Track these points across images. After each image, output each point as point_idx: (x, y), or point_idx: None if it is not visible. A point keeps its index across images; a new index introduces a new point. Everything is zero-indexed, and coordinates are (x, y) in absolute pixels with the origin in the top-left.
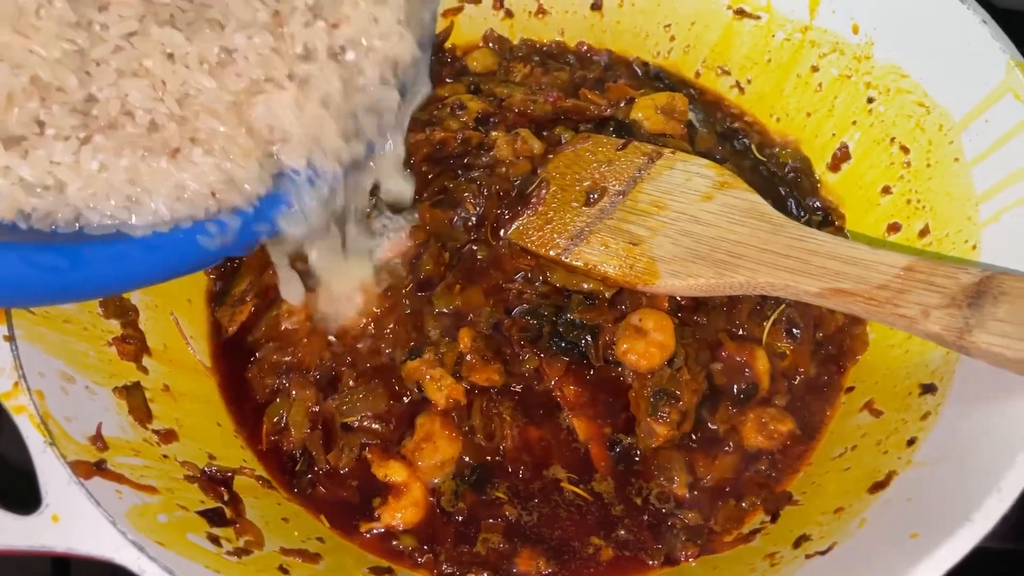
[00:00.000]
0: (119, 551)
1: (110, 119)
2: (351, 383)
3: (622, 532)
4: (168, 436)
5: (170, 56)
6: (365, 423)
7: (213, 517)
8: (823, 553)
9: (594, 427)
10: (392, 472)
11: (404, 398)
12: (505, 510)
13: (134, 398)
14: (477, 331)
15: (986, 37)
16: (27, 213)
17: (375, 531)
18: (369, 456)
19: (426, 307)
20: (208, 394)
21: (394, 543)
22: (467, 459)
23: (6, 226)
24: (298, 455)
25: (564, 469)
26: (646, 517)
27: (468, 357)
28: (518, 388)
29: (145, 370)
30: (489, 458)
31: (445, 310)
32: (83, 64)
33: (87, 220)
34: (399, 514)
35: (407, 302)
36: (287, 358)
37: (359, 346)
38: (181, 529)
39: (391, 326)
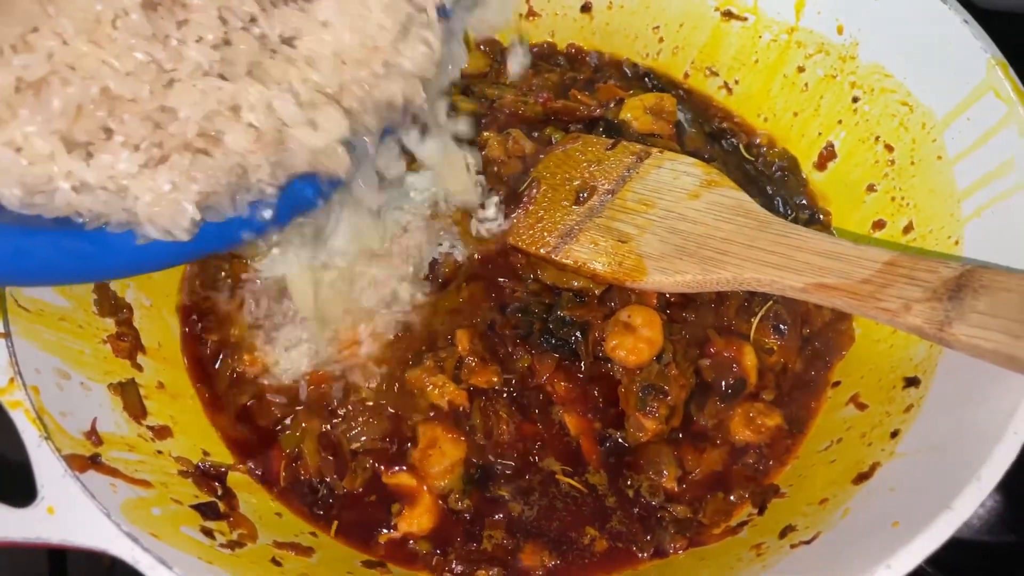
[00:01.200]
0: (113, 542)
1: (186, 140)
2: (349, 407)
3: (615, 524)
4: (162, 432)
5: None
6: (370, 444)
7: (206, 511)
8: (807, 543)
9: (584, 422)
10: (403, 482)
11: (407, 416)
12: (507, 507)
13: (128, 395)
14: (473, 331)
15: (967, 37)
16: (80, 213)
17: (393, 539)
18: (379, 469)
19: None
20: None
21: (410, 547)
22: (472, 459)
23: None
24: (316, 483)
25: (558, 462)
26: (636, 510)
27: (468, 360)
28: (512, 386)
29: (139, 367)
30: (491, 457)
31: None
32: (158, 77)
33: (140, 225)
34: (415, 521)
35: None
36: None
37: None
38: (175, 522)
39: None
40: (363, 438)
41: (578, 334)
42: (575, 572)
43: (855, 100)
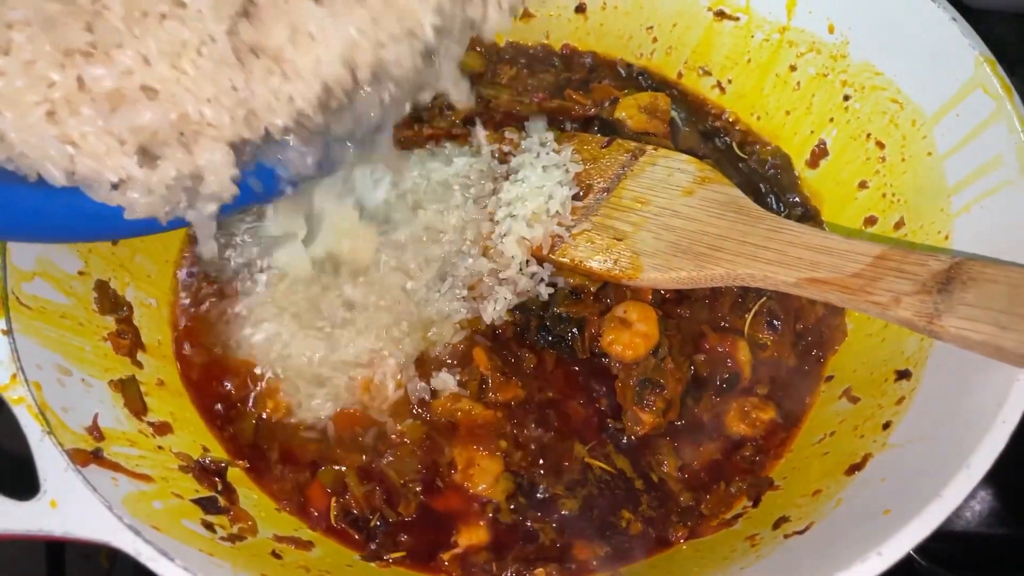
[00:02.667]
0: (115, 535)
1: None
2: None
3: (645, 508)
4: (163, 428)
5: None
6: (412, 475)
7: (207, 505)
8: (801, 533)
9: (583, 413)
10: (452, 504)
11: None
12: (552, 504)
13: (129, 391)
14: (487, 348)
15: (956, 34)
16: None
17: (456, 555)
18: (426, 496)
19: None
20: None
21: (471, 560)
22: (511, 468)
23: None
24: (370, 515)
25: (583, 446)
26: (660, 494)
27: (490, 378)
28: (528, 390)
29: (140, 365)
30: (527, 461)
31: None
32: (239, 104)
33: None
34: (473, 535)
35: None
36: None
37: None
38: (176, 515)
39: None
40: (404, 470)
41: (575, 330)
42: (624, 557)
43: (846, 98)
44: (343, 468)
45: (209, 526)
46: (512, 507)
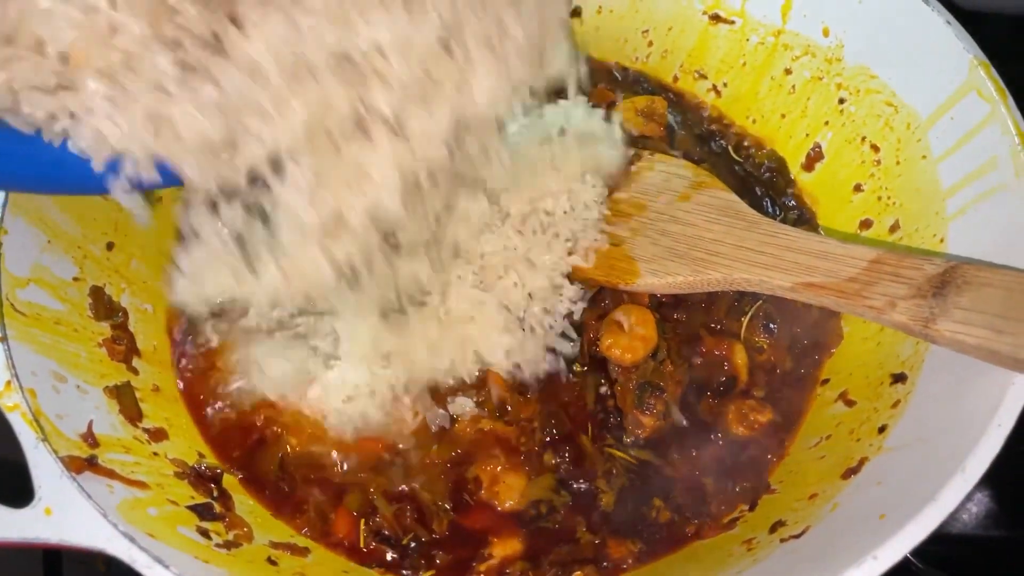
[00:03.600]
0: (110, 542)
1: None
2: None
3: (677, 496)
4: (158, 435)
5: None
6: (440, 498)
7: (203, 512)
8: (797, 537)
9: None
10: (481, 522)
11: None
12: (584, 505)
13: (125, 398)
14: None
15: (950, 37)
16: None
17: (491, 567)
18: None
19: None
20: None
21: (507, 571)
22: (534, 476)
23: None
24: (401, 535)
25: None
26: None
27: (507, 398)
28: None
29: (135, 371)
30: (550, 466)
31: None
32: None
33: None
34: (507, 547)
35: None
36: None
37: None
38: (171, 522)
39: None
40: (433, 491)
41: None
42: (659, 551)
43: (841, 101)
44: (371, 490)
45: (204, 533)
46: (542, 512)
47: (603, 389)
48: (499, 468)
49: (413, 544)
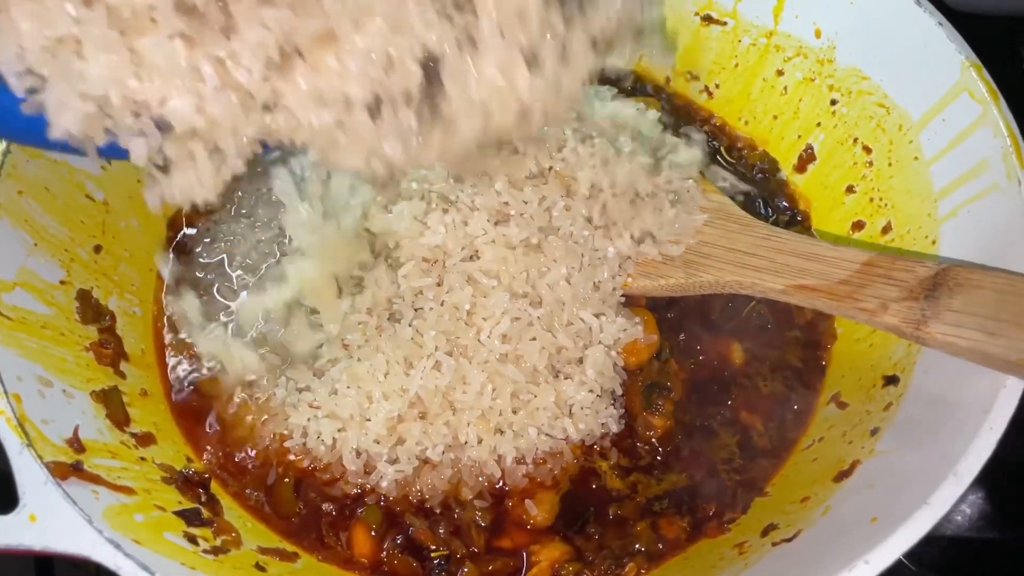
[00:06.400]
0: (96, 549)
1: None
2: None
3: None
4: (146, 439)
5: None
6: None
7: (190, 517)
8: (789, 540)
9: None
10: (516, 541)
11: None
12: (624, 491)
13: (111, 402)
14: None
15: (942, 39)
16: None
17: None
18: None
19: None
20: None
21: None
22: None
23: None
24: (434, 548)
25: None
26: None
27: None
28: None
29: (123, 375)
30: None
31: None
32: None
33: None
34: (551, 553)
35: None
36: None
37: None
38: (158, 528)
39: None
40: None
41: None
42: (706, 533)
43: (833, 103)
44: (397, 509)
45: (192, 539)
46: (578, 514)
47: None
48: (529, 485)
49: (443, 559)
